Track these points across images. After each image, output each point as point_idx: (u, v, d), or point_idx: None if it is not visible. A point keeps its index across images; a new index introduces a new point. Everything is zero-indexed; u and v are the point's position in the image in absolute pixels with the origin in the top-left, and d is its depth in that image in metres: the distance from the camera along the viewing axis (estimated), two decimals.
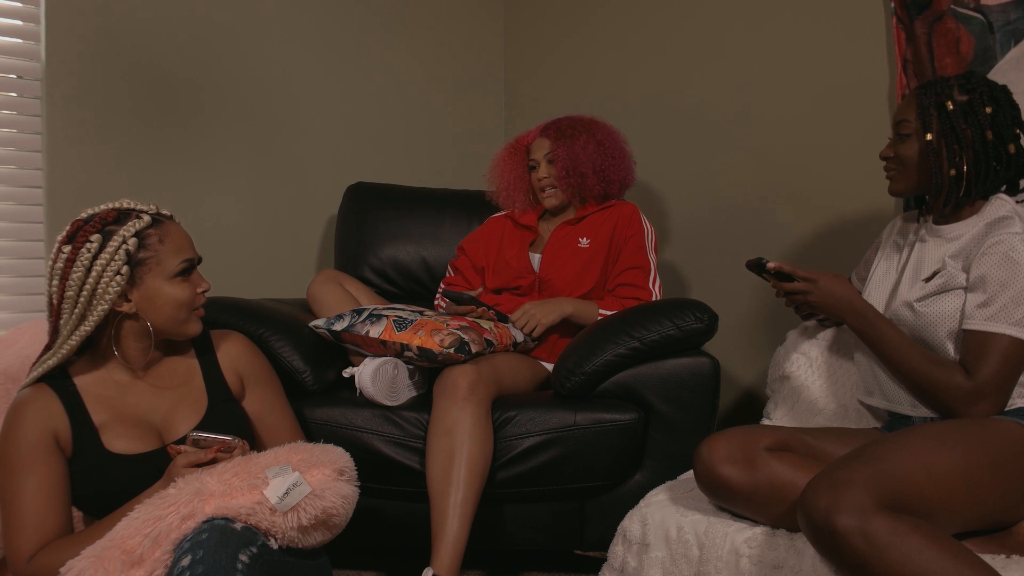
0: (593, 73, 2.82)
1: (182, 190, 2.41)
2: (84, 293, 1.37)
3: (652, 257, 2.18)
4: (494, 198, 2.36)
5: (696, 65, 2.55)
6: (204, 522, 1.22)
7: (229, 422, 1.51)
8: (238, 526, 1.24)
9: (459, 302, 2.07)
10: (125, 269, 1.39)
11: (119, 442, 1.41)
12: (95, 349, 1.47)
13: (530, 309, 2.07)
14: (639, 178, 2.46)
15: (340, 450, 1.42)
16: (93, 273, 1.37)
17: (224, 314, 1.95)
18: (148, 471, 1.38)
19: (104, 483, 1.38)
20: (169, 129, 2.38)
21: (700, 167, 2.55)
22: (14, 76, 2.17)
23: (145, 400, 1.46)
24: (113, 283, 1.38)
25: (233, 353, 1.60)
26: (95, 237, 1.39)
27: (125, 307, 1.42)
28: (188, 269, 1.46)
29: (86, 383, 1.44)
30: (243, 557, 1.20)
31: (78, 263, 1.37)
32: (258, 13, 2.54)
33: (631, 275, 2.13)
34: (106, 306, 1.38)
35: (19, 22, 2.17)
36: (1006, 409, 1.43)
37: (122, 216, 1.42)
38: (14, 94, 2.17)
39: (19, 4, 2.16)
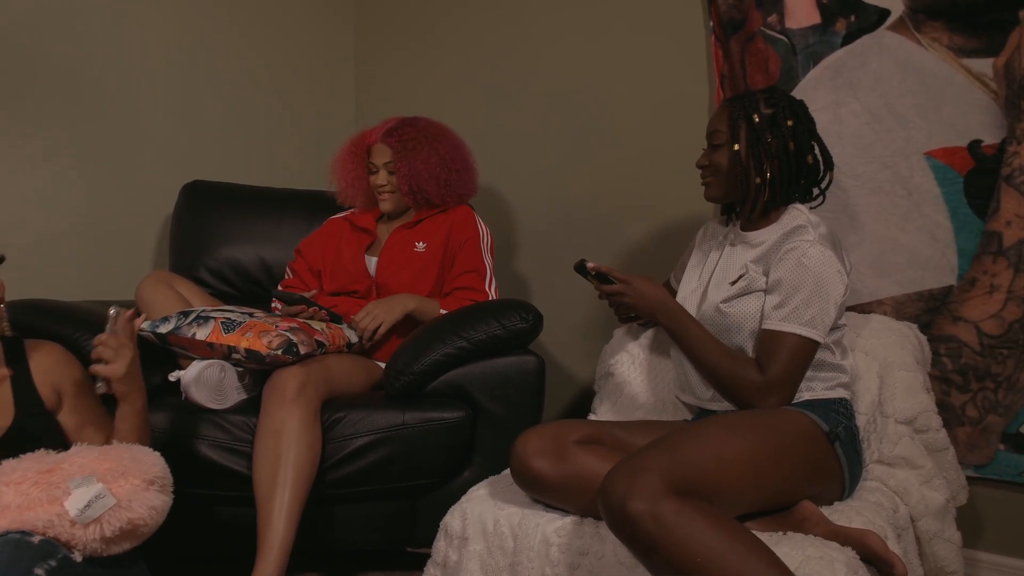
0: (442, 76, 2.85)
1: None
2: None
3: (488, 259, 2.23)
4: (336, 194, 2.35)
5: (537, 74, 2.63)
6: None
7: (37, 436, 1.44)
8: (35, 539, 1.19)
9: (290, 303, 2.05)
10: None
11: None
12: None
13: (373, 309, 2.08)
14: (484, 183, 2.50)
15: (154, 457, 1.38)
16: None
17: (37, 317, 1.86)
18: None
19: None
20: None
21: (539, 171, 2.63)
22: None
23: None
24: None
25: (47, 364, 1.53)
26: None
27: None
28: None
29: None
30: (39, 571, 1.16)
31: None
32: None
33: (467, 278, 2.17)
34: None
35: None
36: (793, 401, 1.56)
37: None
38: None
39: None
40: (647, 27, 2.40)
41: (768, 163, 1.63)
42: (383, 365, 2.13)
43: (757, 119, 1.64)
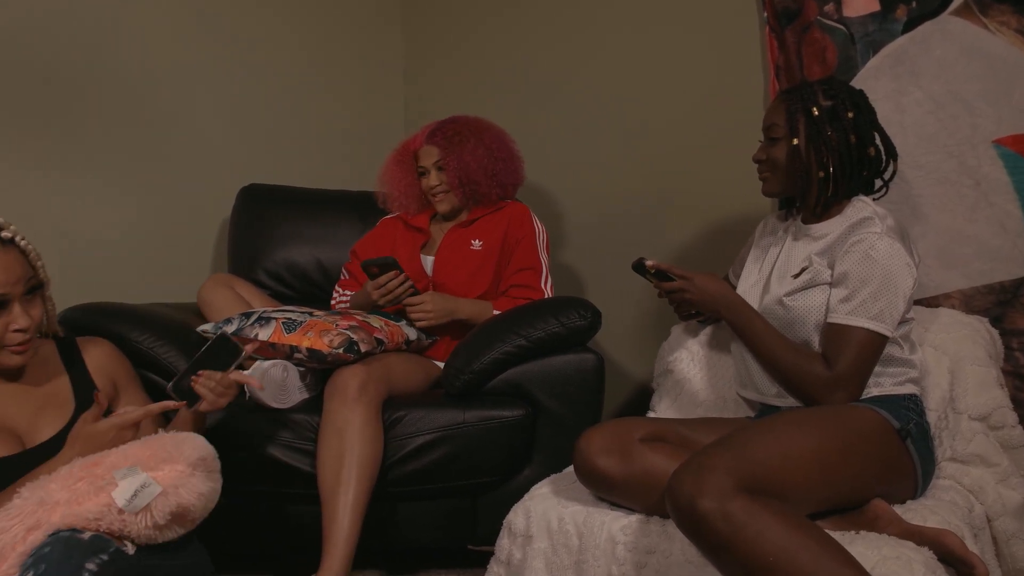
0: (489, 75, 2.85)
1: (64, 190, 2.33)
2: None
3: (544, 257, 2.23)
4: (385, 204, 2.37)
5: (586, 67, 2.61)
6: (49, 535, 1.20)
7: None
8: (86, 535, 1.21)
9: (383, 268, 2.04)
10: None
11: None
12: None
13: (429, 302, 2.08)
14: (532, 179, 2.50)
15: (196, 440, 1.37)
16: None
17: (108, 320, 1.91)
18: (7, 477, 1.35)
19: None
20: (46, 126, 2.29)
21: (591, 167, 2.61)
22: None
23: (7, 406, 1.43)
24: None
25: (102, 359, 1.58)
26: None
27: None
28: None
29: None
30: (90, 566, 1.18)
31: None
32: (146, 7, 2.47)
33: (524, 276, 2.17)
34: None
35: None
36: (862, 397, 1.53)
37: None
38: None
39: None
40: (698, 19, 2.37)
41: (829, 157, 1.60)
42: (439, 364, 2.15)
43: (816, 112, 1.61)
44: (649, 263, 1.64)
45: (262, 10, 2.74)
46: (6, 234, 1.40)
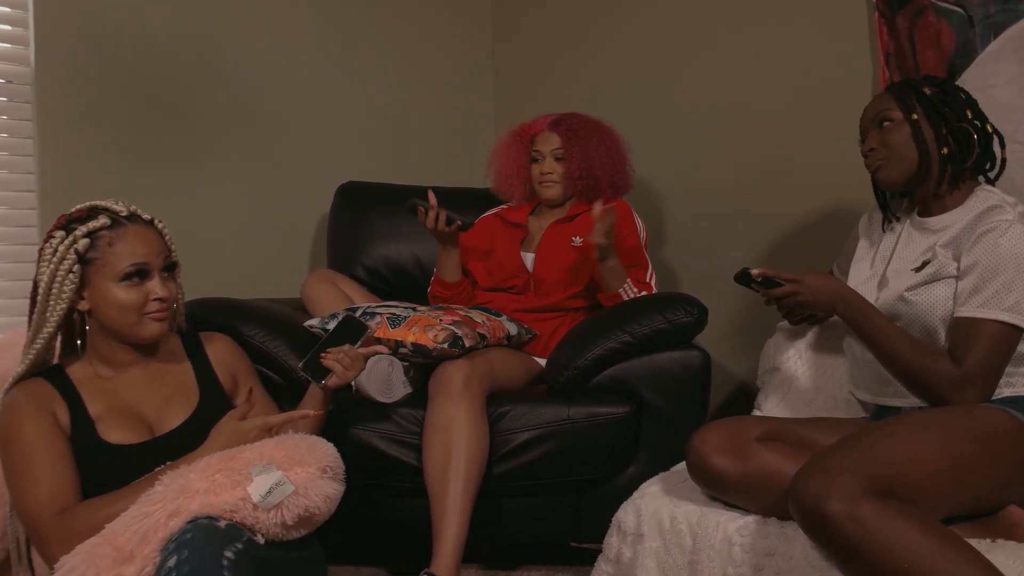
0: (582, 70, 2.83)
1: (174, 189, 2.42)
2: (41, 290, 1.41)
3: (646, 255, 2.20)
4: (493, 182, 2.37)
5: (684, 61, 2.57)
6: (188, 522, 1.24)
7: (218, 417, 1.52)
8: (222, 524, 1.25)
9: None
10: (77, 268, 1.41)
11: (113, 433, 1.43)
12: (84, 344, 1.50)
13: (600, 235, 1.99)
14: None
15: (327, 446, 1.42)
16: (49, 270, 1.41)
17: (222, 315, 1.97)
18: (138, 463, 1.40)
19: (96, 471, 1.39)
20: (161, 129, 2.39)
21: (689, 163, 2.57)
22: (3, 81, 2.18)
23: (138, 394, 1.49)
24: (67, 281, 1.40)
25: (224, 353, 1.64)
26: (58, 234, 1.43)
27: (83, 305, 1.44)
28: (137, 273, 1.43)
29: (80, 376, 1.47)
30: (228, 554, 1.21)
31: (42, 259, 1.42)
32: (249, 14, 2.55)
33: (632, 273, 2.15)
34: (64, 305, 1.41)
35: (7, 27, 2.17)
36: (993, 398, 1.46)
37: (90, 214, 1.44)
38: (4, 98, 2.18)
39: (7, 8, 2.17)
40: (804, 6, 2.30)
41: (949, 133, 1.54)
42: (537, 359, 2.14)
43: (928, 91, 1.56)
44: (754, 272, 1.58)
45: (359, 16, 2.79)
46: (146, 216, 1.49)
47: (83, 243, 1.41)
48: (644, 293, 2.10)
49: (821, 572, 1.34)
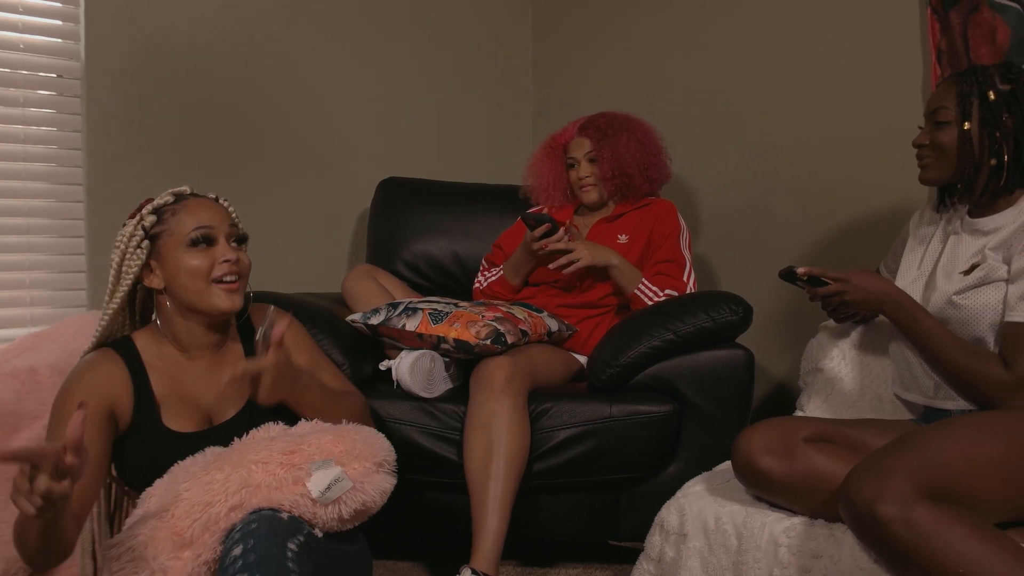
0: (621, 68, 2.82)
1: (218, 184, 2.43)
2: (113, 269, 1.46)
3: (687, 254, 2.19)
4: (531, 196, 2.38)
5: (727, 58, 2.55)
6: (252, 512, 1.26)
7: (270, 408, 1.52)
8: (284, 516, 1.27)
9: (539, 222, 2.08)
10: (145, 243, 1.44)
11: (174, 420, 1.44)
12: (155, 326, 1.51)
13: (583, 247, 2.08)
14: (673, 172, 2.46)
15: (381, 439, 1.43)
16: (120, 250, 1.45)
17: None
18: (193, 452, 1.41)
19: (155, 456, 1.41)
20: (207, 125, 2.42)
21: (731, 160, 2.55)
22: (54, 75, 2.21)
23: (200, 381, 1.49)
24: (134, 257, 1.44)
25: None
26: (129, 221, 1.47)
27: (155, 281, 1.46)
28: (204, 239, 1.44)
29: (150, 356, 1.48)
30: (292, 545, 1.23)
31: (115, 244, 1.47)
32: (296, 14, 2.57)
33: (666, 267, 2.14)
34: (129, 279, 1.44)
35: (59, 22, 2.21)
36: None
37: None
38: (54, 93, 2.21)
39: (59, 4, 2.20)
40: (852, 4, 2.27)
41: (1004, 144, 1.49)
42: (577, 356, 2.14)
43: (993, 96, 1.50)
44: (800, 270, 1.56)
45: (402, 19, 2.81)
46: (212, 195, 1.53)
47: (150, 219, 1.44)
48: (669, 291, 2.08)
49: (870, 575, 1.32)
